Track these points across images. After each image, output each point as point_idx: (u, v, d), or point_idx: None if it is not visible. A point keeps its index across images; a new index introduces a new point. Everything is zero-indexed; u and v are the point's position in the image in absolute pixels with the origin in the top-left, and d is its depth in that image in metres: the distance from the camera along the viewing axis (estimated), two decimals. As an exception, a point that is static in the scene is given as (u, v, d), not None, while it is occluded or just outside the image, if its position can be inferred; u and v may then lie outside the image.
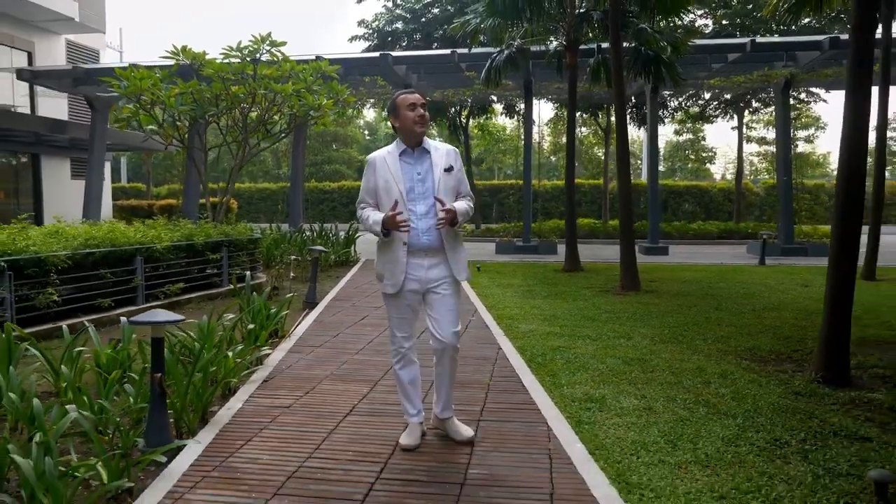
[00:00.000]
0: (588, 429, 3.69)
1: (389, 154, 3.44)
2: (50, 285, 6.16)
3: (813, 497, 2.86)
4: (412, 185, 3.37)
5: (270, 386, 4.52)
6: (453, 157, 3.46)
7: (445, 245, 3.38)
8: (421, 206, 3.36)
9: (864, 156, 5.00)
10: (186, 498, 2.81)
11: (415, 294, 3.41)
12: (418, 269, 3.37)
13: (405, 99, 3.41)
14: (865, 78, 4.97)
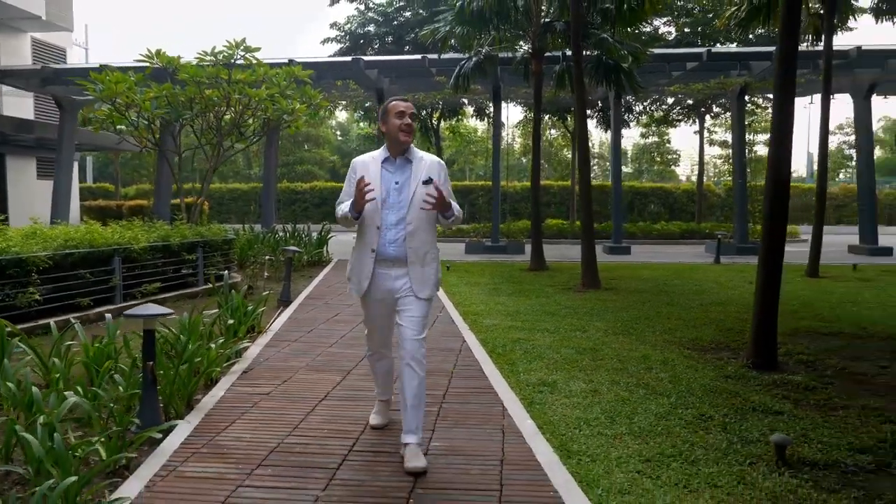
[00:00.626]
0: (539, 408, 4.13)
1: (373, 160, 3.43)
2: (31, 285, 6.41)
3: (724, 459, 3.34)
4: (388, 193, 3.33)
5: (250, 376, 4.88)
6: (435, 170, 3.38)
7: (409, 258, 3.32)
8: (392, 215, 3.31)
9: (789, 162, 5.54)
10: (180, 470, 3.18)
11: (383, 302, 3.41)
12: (386, 278, 3.36)
13: (395, 106, 3.39)
14: (790, 85, 5.52)
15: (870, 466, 3.32)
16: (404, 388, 3.25)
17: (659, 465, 3.27)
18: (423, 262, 3.36)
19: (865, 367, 5.35)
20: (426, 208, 3.24)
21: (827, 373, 5.17)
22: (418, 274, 3.34)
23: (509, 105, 23.47)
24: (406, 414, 3.24)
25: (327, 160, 45.71)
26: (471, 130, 40.46)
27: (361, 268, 3.39)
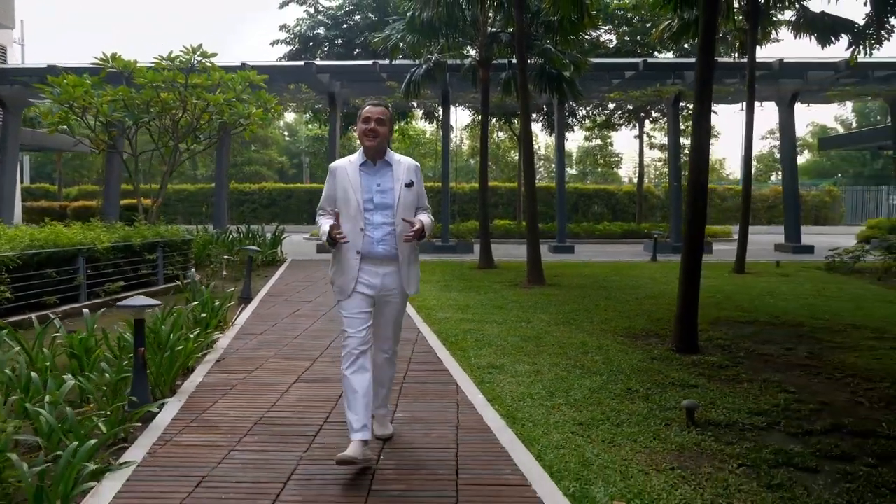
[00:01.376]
0: (488, 386, 4.70)
1: (350, 164, 3.46)
2: (1, 283, 6.64)
3: (644, 422, 3.97)
4: (371, 195, 3.39)
5: (224, 365, 5.29)
6: (414, 173, 3.50)
7: (400, 257, 3.43)
8: (378, 216, 3.38)
9: (706, 170, 6.27)
10: (175, 440, 3.61)
11: (367, 297, 3.43)
12: (373, 276, 3.41)
13: (366, 111, 3.41)
14: (706, 99, 6.26)
15: (763, 425, 3.99)
16: (383, 376, 3.60)
17: (589, 427, 3.87)
18: (409, 261, 3.49)
19: (772, 350, 6.11)
20: (408, 240, 3.34)
21: (739, 354, 5.90)
22: (406, 271, 3.47)
23: (458, 108, 24.12)
24: (381, 393, 3.62)
25: (276, 161, 45.55)
26: (419, 132, 41.03)
27: (347, 270, 3.41)
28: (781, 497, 2.99)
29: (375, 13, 25.31)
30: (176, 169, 11.59)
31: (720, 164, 51.20)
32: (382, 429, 3.67)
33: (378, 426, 3.64)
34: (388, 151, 3.50)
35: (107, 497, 2.87)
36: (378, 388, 3.58)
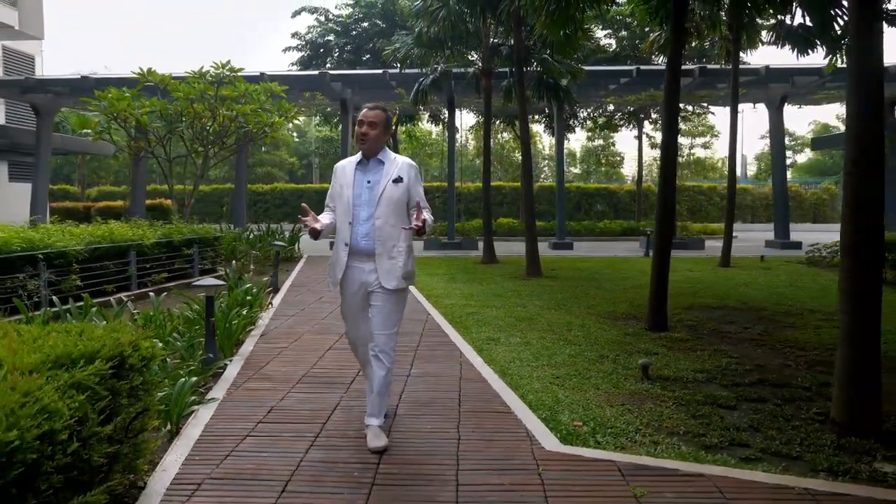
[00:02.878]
0: (486, 353, 5.77)
1: (349, 163, 3.67)
2: (72, 273, 7.76)
3: (608, 377, 5.02)
4: (360, 191, 3.56)
5: (267, 338, 6.38)
6: (405, 170, 3.60)
7: (377, 250, 3.53)
8: (364, 211, 3.55)
9: (674, 172, 7.30)
10: (244, 386, 4.69)
11: (357, 294, 3.63)
12: (359, 271, 3.59)
13: (360, 115, 3.62)
14: (674, 110, 7.30)
15: (702, 379, 5.04)
16: (373, 376, 3.59)
17: (564, 380, 4.94)
18: (389, 255, 3.54)
19: (733, 329, 7.15)
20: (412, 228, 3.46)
21: (703, 332, 6.94)
22: (385, 265, 3.54)
23: (463, 111, 25.18)
24: (371, 398, 3.60)
25: (286, 162, 46.71)
26: (426, 134, 42.13)
27: (337, 260, 3.64)
28: (700, 422, 4.04)
29: (383, 20, 26.40)
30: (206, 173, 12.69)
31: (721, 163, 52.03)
32: (376, 440, 3.47)
33: (372, 437, 3.50)
34: (385, 151, 3.65)
35: (205, 418, 3.96)
36: (368, 392, 3.65)
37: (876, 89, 3.99)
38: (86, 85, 18.10)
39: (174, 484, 3.05)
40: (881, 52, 4.02)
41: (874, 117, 3.96)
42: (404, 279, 3.61)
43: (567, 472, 3.20)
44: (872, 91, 3.97)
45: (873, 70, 4.00)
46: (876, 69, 4.01)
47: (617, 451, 3.49)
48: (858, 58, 4.02)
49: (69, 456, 2.09)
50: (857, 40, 4.03)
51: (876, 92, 3.98)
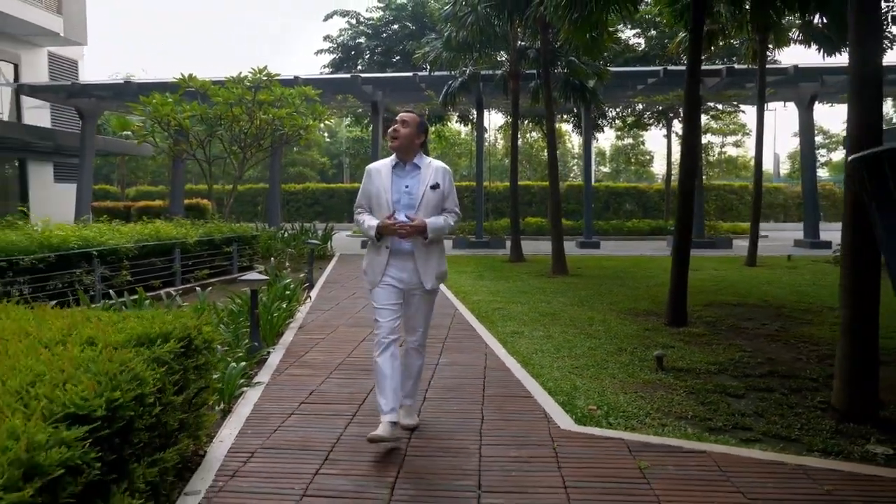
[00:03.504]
0: (510, 345, 6.12)
1: (384, 166, 3.74)
2: (123, 269, 8.29)
3: (625, 367, 5.33)
4: (399, 195, 3.66)
5: (305, 330, 6.81)
6: (441, 175, 3.72)
7: (416, 252, 3.67)
8: (402, 216, 3.64)
9: (694, 171, 7.56)
10: (287, 372, 5.11)
11: (395, 287, 3.71)
12: (400, 270, 3.69)
13: (398, 116, 3.77)
14: (696, 113, 7.55)
15: (714, 370, 5.32)
16: (411, 365, 3.87)
17: (582, 369, 5.26)
18: (427, 256, 3.70)
19: (750, 325, 7.37)
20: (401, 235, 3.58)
21: (721, 328, 7.19)
22: (423, 266, 3.69)
23: (491, 112, 25.49)
24: (408, 384, 3.86)
25: (317, 162, 47.48)
26: (455, 133, 42.49)
27: (376, 263, 3.72)
28: (708, 408, 4.34)
29: (413, 22, 26.84)
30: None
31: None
32: (408, 419, 3.85)
33: (405, 415, 3.82)
34: (420, 155, 3.76)
35: (253, 398, 4.39)
36: (405, 378, 3.80)
37: (875, 93, 4.24)
38: (128, 90, 18.88)
39: (231, 452, 3.47)
40: (881, 58, 4.27)
41: (874, 121, 4.22)
42: (439, 279, 3.80)
43: (579, 448, 3.55)
44: (872, 95, 4.23)
45: (872, 74, 4.25)
46: (875, 73, 4.27)
47: (626, 431, 3.82)
48: (858, 61, 4.28)
49: (153, 418, 2.51)
50: (856, 46, 4.28)
51: (875, 96, 4.24)
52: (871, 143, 4.19)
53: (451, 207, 3.77)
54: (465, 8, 12.97)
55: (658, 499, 2.93)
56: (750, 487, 3.04)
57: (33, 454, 1.66)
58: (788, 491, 3.01)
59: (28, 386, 2.08)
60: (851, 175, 4.23)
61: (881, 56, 4.26)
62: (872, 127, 4.22)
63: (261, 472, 3.22)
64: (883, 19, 10.35)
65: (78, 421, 1.95)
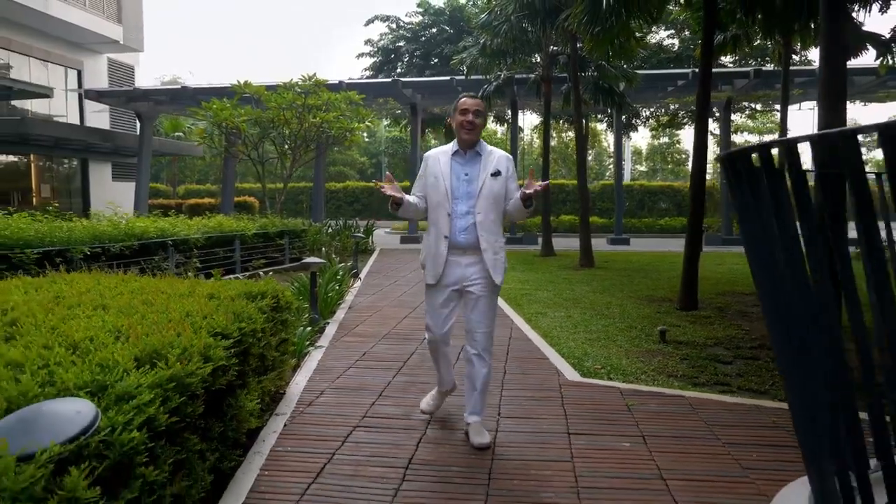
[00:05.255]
0: (533, 322, 6.98)
1: (444, 153, 3.55)
2: (193, 257, 9.39)
3: (633, 340, 6.15)
4: (458, 184, 3.47)
5: (354, 310, 7.77)
6: (504, 164, 3.51)
7: (482, 245, 3.44)
8: (462, 205, 3.45)
9: (703, 172, 8.30)
10: (342, 339, 6.06)
11: (452, 289, 3.52)
12: (456, 265, 3.49)
13: (462, 103, 3.51)
14: (704, 115, 8.28)
15: (711, 344, 6.10)
16: (474, 375, 3.52)
17: (594, 341, 6.10)
18: (494, 249, 3.48)
19: (756, 311, 8.07)
20: (526, 193, 3.32)
21: (728, 312, 7.92)
22: (491, 260, 3.46)
23: (526, 113, 26.25)
24: (473, 397, 3.53)
25: (357, 161, 48.79)
26: (491, 133, 43.30)
27: (436, 254, 3.50)
28: (696, 370, 5.14)
29: (450, 26, 27.77)
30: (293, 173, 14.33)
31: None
32: (479, 437, 3.44)
33: (475, 434, 3.47)
34: (481, 143, 3.56)
35: (317, 357, 5.34)
36: (470, 390, 3.55)
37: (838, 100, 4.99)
38: (184, 94, 20.21)
39: (305, 391, 4.42)
40: (845, 74, 5.02)
41: (839, 121, 4.97)
42: (504, 273, 3.60)
43: (581, 392, 4.40)
44: (835, 102, 4.98)
45: (838, 85, 5.00)
46: (840, 85, 5.02)
47: (622, 383, 4.66)
48: (827, 74, 5.03)
49: (260, 349, 3.46)
50: (825, 63, 5.04)
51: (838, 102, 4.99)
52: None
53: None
54: (499, 17, 13.83)
55: (637, 423, 3.77)
56: (712, 418, 3.86)
57: (207, 350, 2.61)
58: (741, 420, 3.82)
59: (184, 317, 3.04)
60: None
61: (845, 72, 5.00)
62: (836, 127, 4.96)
63: (329, 404, 4.16)
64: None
65: (223, 338, 2.89)
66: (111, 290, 3.74)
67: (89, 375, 2.10)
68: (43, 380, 2.05)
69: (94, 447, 1.76)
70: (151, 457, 2.04)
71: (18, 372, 2.13)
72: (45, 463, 1.55)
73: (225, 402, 2.90)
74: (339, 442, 3.48)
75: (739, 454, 3.31)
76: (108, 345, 2.45)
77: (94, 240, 7.75)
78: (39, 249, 6.69)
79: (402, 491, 2.91)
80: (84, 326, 2.70)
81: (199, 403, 2.45)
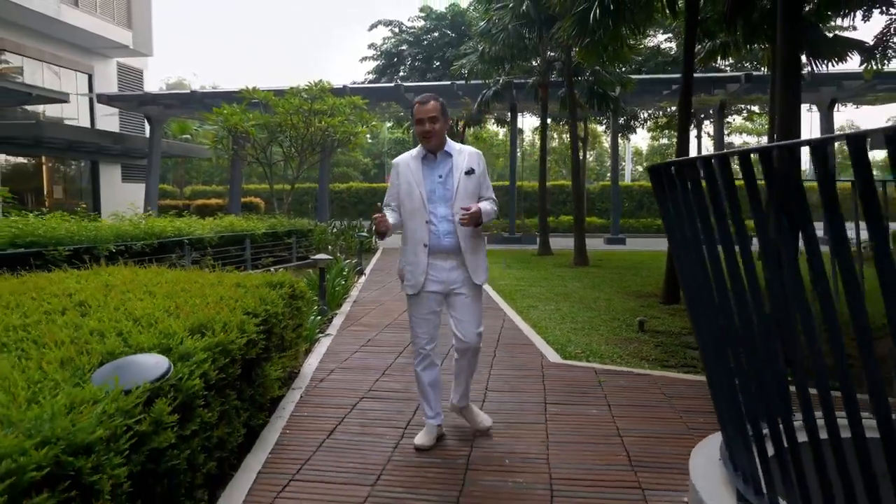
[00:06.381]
0: (524, 314, 7.56)
1: (413, 158, 3.48)
2: (207, 255, 9.99)
3: (614, 329, 6.73)
4: (433, 187, 3.40)
5: (359, 303, 8.36)
6: (475, 161, 3.46)
7: (463, 248, 3.40)
8: (442, 208, 3.40)
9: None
10: (348, 329, 6.65)
11: (436, 295, 3.47)
12: (440, 270, 3.43)
13: (416, 111, 3.42)
14: (685, 120, 8.84)
15: (686, 333, 6.67)
16: (468, 367, 3.59)
17: (579, 330, 6.68)
18: (474, 251, 3.45)
19: (736, 304, 8.64)
20: (464, 223, 3.29)
21: (708, 306, 8.48)
22: (472, 262, 3.43)
23: (525, 115, 26.84)
24: (462, 384, 3.64)
25: (360, 162, 49.45)
26: (492, 135, 43.93)
27: (416, 264, 3.45)
28: (667, 355, 5.71)
29: (452, 30, 28.32)
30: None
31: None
32: (477, 420, 3.66)
33: (470, 419, 3.67)
34: (448, 143, 3.49)
35: (326, 343, 5.93)
36: (456, 384, 3.63)
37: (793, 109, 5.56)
38: (193, 98, 20.84)
39: (317, 370, 5.00)
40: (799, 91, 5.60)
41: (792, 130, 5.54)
42: (486, 272, 3.57)
43: (560, 371, 4.99)
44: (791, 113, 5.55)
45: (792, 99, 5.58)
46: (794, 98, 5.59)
47: (597, 364, 5.24)
48: (780, 90, 5.61)
49: (281, 329, 4.04)
50: (781, 84, 5.62)
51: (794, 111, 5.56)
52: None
53: (487, 195, 3.53)
54: (497, 25, 14.41)
55: (605, 395, 4.35)
56: (672, 392, 4.43)
57: (242, 325, 3.20)
58: (698, 394, 4.39)
59: (219, 300, 3.62)
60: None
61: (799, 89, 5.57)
62: (791, 135, 5.55)
63: (339, 380, 4.75)
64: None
65: (253, 316, 3.48)
66: (150, 280, 4.33)
67: (156, 339, 2.69)
68: (121, 342, 2.64)
69: (167, 389, 2.34)
70: (206, 403, 2.63)
71: (101, 337, 2.72)
72: (140, 394, 2.14)
73: (254, 371, 3.49)
74: (348, 409, 4.07)
75: (689, 419, 3.88)
76: (164, 319, 3.04)
77: (118, 238, 8.34)
78: (70, 247, 7.29)
79: (401, 445, 3.50)
80: (141, 306, 3.30)
81: (236, 367, 3.04)
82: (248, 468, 3.15)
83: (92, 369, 2.32)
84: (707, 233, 2.45)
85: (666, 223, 2.89)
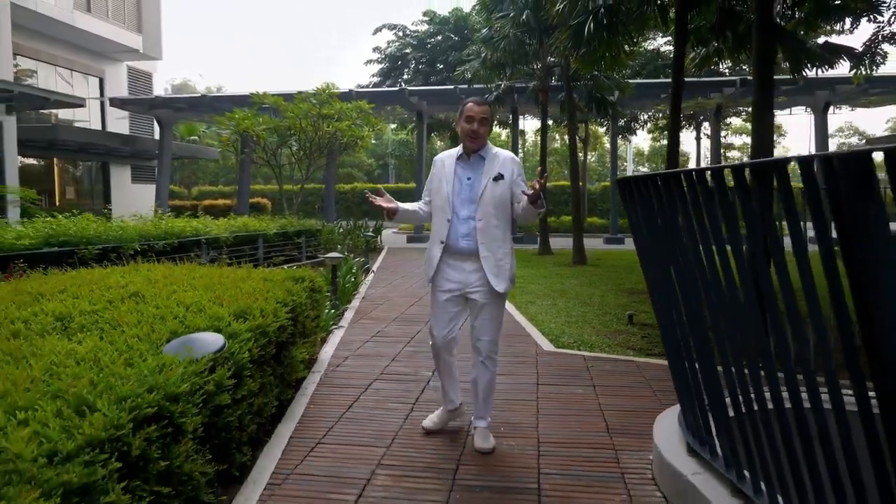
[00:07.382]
0: (522, 309, 8.09)
1: (449, 157, 3.52)
2: (222, 254, 10.53)
3: (605, 323, 7.25)
4: (460, 188, 3.42)
5: (368, 299, 8.89)
6: (508, 167, 3.41)
7: (482, 252, 3.36)
8: (464, 210, 3.40)
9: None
10: (359, 322, 7.19)
11: (451, 294, 3.47)
12: (458, 270, 3.44)
13: (468, 108, 3.41)
14: (676, 125, 9.36)
15: (672, 326, 7.19)
16: (478, 381, 3.51)
17: (572, 324, 7.20)
18: (496, 256, 3.38)
19: (723, 300, 9.16)
20: (527, 193, 3.21)
21: (697, 302, 9.00)
22: (492, 267, 3.37)
23: (526, 118, 27.37)
24: (478, 403, 3.53)
25: (365, 163, 50.01)
26: (495, 136, 44.45)
27: (430, 258, 3.53)
28: (652, 345, 6.23)
29: (455, 34, 28.87)
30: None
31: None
32: (484, 442, 3.46)
33: (480, 439, 3.48)
34: (486, 146, 3.48)
35: (339, 334, 6.47)
36: (474, 397, 3.56)
37: (768, 122, 6.07)
38: (203, 102, 21.42)
39: (333, 357, 5.54)
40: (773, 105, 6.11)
41: (767, 142, 6.05)
42: (512, 281, 3.51)
43: (552, 358, 5.52)
44: (767, 125, 6.07)
45: (767, 113, 6.09)
46: (769, 112, 6.10)
47: (587, 352, 5.77)
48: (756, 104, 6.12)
49: (304, 318, 4.58)
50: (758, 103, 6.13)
51: (769, 123, 6.07)
52: (766, 156, 6.04)
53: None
54: (499, 32, 14.94)
55: (591, 378, 4.88)
56: (652, 376, 4.96)
57: (276, 311, 3.74)
58: (673, 376, 4.92)
59: (253, 291, 4.16)
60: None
61: (772, 103, 6.09)
62: (767, 147, 6.07)
63: (353, 365, 5.29)
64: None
65: (283, 305, 4.02)
66: (186, 275, 4.87)
67: (208, 322, 3.23)
68: (179, 324, 3.18)
69: (222, 360, 2.88)
70: (250, 374, 3.17)
71: (161, 320, 3.26)
72: (205, 363, 2.68)
73: (283, 353, 4.03)
74: (363, 389, 4.61)
75: (664, 397, 4.41)
76: (210, 307, 3.58)
77: (141, 238, 8.89)
78: (99, 246, 7.84)
79: (411, 417, 4.03)
80: (188, 296, 3.84)
81: (272, 347, 3.58)
82: (281, 434, 3.69)
83: (162, 344, 2.86)
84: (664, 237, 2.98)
85: (631, 227, 3.43)
